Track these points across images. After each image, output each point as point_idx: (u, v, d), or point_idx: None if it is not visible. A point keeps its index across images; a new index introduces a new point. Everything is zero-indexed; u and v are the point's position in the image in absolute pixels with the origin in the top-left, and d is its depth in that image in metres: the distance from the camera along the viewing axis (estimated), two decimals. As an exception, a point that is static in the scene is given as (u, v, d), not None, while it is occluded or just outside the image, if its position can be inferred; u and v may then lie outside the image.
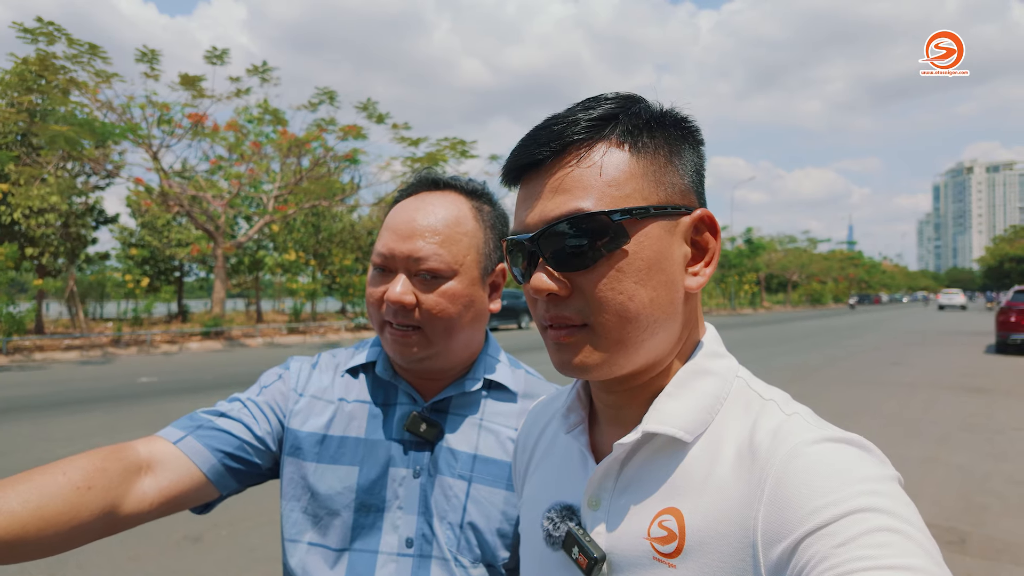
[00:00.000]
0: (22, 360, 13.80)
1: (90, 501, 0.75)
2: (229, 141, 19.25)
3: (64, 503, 0.73)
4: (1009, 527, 4.07)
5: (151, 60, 16.24)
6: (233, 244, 20.08)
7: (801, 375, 11.36)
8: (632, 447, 0.61)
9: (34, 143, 16.73)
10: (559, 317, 0.60)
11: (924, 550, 0.44)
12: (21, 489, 0.72)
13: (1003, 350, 15.52)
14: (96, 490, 0.76)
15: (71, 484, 0.75)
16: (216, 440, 0.91)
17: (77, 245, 19.27)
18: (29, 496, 0.71)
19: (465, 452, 0.96)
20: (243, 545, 3.74)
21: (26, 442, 6.15)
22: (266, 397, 0.99)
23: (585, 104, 0.61)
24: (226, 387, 9.67)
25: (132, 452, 0.84)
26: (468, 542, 0.93)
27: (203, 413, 0.95)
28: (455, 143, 19.72)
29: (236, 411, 0.96)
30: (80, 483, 0.75)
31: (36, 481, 0.73)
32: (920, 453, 5.91)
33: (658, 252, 0.58)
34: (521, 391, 1.03)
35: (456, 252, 0.93)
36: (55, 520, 0.72)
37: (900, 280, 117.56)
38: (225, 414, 0.95)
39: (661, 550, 0.57)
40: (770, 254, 57.07)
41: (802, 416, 0.57)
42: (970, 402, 8.65)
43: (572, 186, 0.58)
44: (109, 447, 0.83)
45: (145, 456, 0.85)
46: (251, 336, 19.60)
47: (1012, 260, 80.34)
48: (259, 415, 0.97)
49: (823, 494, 0.48)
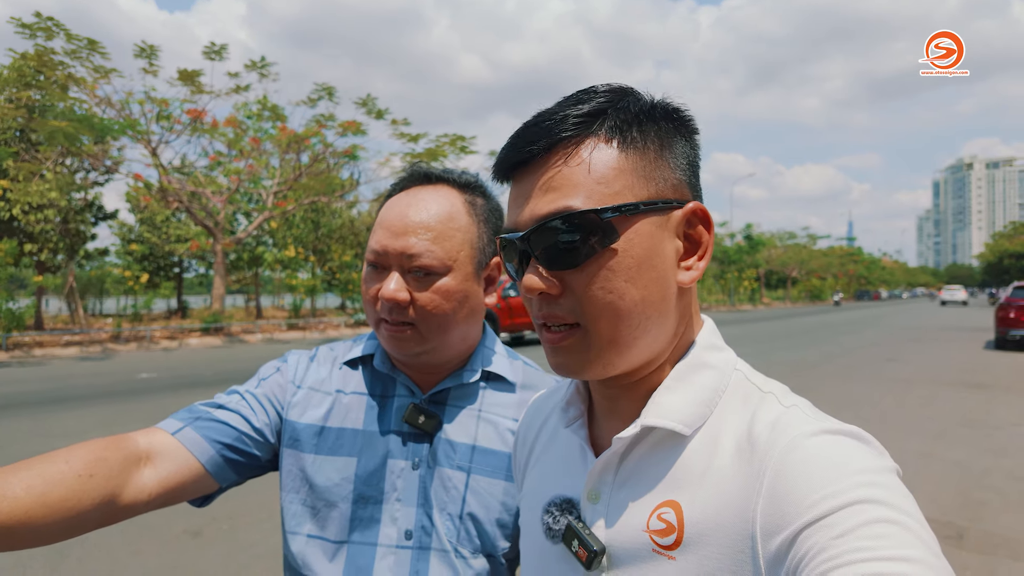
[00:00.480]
0: (21, 356, 13.81)
1: (92, 489, 0.76)
2: (228, 137, 19.22)
3: (67, 490, 0.74)
4: (1007, 523, 4.08)
5: (150, 56, 16.20)
6: (232, 240, 20.08)
7: (799, 370, 11.38)
8: (631, 441, 0.62)
9: (33, 139, 16.71)
10: (552, 316, 0.60)
11: (922, 541, 0.44)
12: (24, 476, 0.72)
13: (1002, 346, 15.53)
14: (97, 478, 0.77)
15: (73, 472, 0.75)
16: (214, 431, 0.91)
17: (76, 241, 19.25)
18: (32, 483, 0.72)
19: (464, 443, 0.96)
20: (243, 540, 3.75)
21: (25, 438, 6.16)
22: (264, 389, 1.00)
23: (575, 98, 0.60)
24: (226, 383, 9.68)
25: (132, 442, 0.84)
26: (468, 533, 0.93)
27: (202, 405, 0.95)
28: (454, 139, 19.70)
29: (234, 403, 0.96)
30: (82, 471, 0.76)
31: (39, 468, 0.74)
32: (918, 448, 5.92)
33: (648, 249, 0.58)
34: (519, 382, 1.03)
35: (449, 248, 0.92)
36: (58, 507, 0.73)
37: (900, 276, 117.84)
38: (223, 406, 0.95)
39: (660, 542, 0.57)
40: (770, 250, 57.11)
41: (801, 408, 0.57)
42: (969, 398, 8.66)
43: (561, 184, 0.58)
44: (109, 437, 0.83)
45: (145, 447, 0.85)
46: (251, 332, 19.60)
47: (1011, 256, 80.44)
48: (257, 407, 0.97)
49: (821, 486, 0.48)
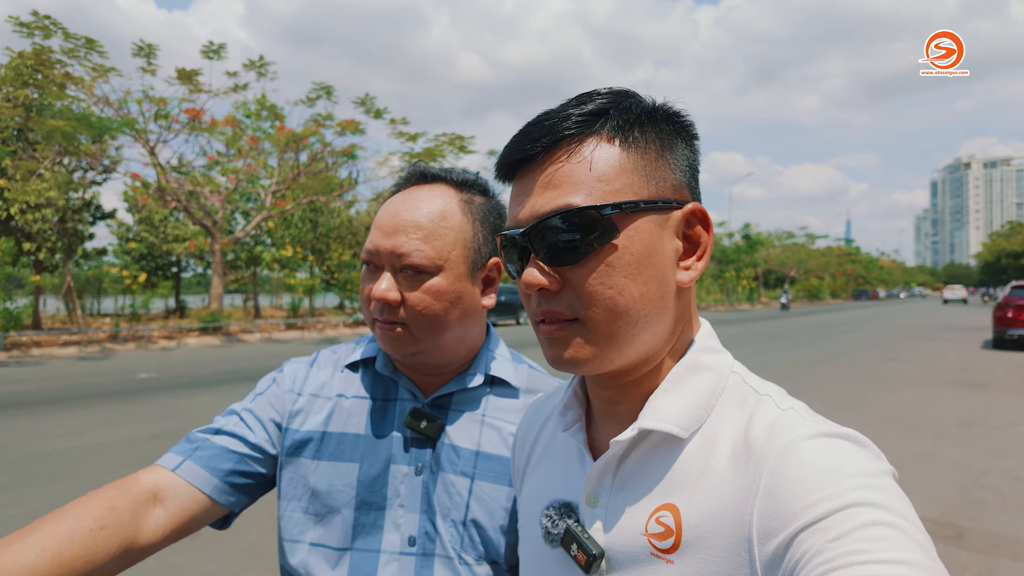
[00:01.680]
0: (19, 356, 13.79)
1: (104, 541, 0.77)
2: (227, 136, 19.20)
3: (80, 547, 0.74)
4: (1007, 522, 4.08)
5: (148, 55, 16.19)
6: (231, 240, 20.06)
7: (798, 371, 11.39)
8: (629, 444, 0.62)
9: (31, 138, 16.68)
10: (551, 312, 0.60)
11: (918, 544, 0.44)
12: (35, 539, 0.72)
13: (1000, 345, 15.56)
14: (109, 529, 0.78)
15: (83, 527, 0.76)
16: (215, 459, 0.92)
17: (74, 240, 19.23)
18: (45, 545, 0.72)
19: (467, 448, 0.95)
20: (243, 541, 3.74)
21: (24, 438, 6.15)
22: (261, 403, 0.99)
23: (578, 100, 0.61)
24: (224, 383, 9.68)
25: (137, 485, 0.85)
26: (472, 539, 0.91)
27: (199, 433, 0.95)
28: (453, 138, 19.69)
29: (232, 425, 0.96)
30: (92, 525, 0.76)
31: (49, 529, 0.74)
32: (917, 448, 5.93)
33: (648, 246, 0.58)
34: (523, 386, 1.02)
35: (440, 247, 0.90)
36: (73, 564, 0.73)
37: (897, 276, 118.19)
38: (221, 430, 0.95)
39: (659, 546, 0.57)
40: (768, 250, 57.19)
41: (797, 411, 0.57)
42: (967, 397, 8.67)
43: (562, 181, 0.58)
44: (114, 484, 0.84)
45: (151, 488, 0.86)
46: (249, 332, 19.59)
47: (1009, 256, 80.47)
48: (255, 423, 0.97)
49: (818, 489, 0.48)
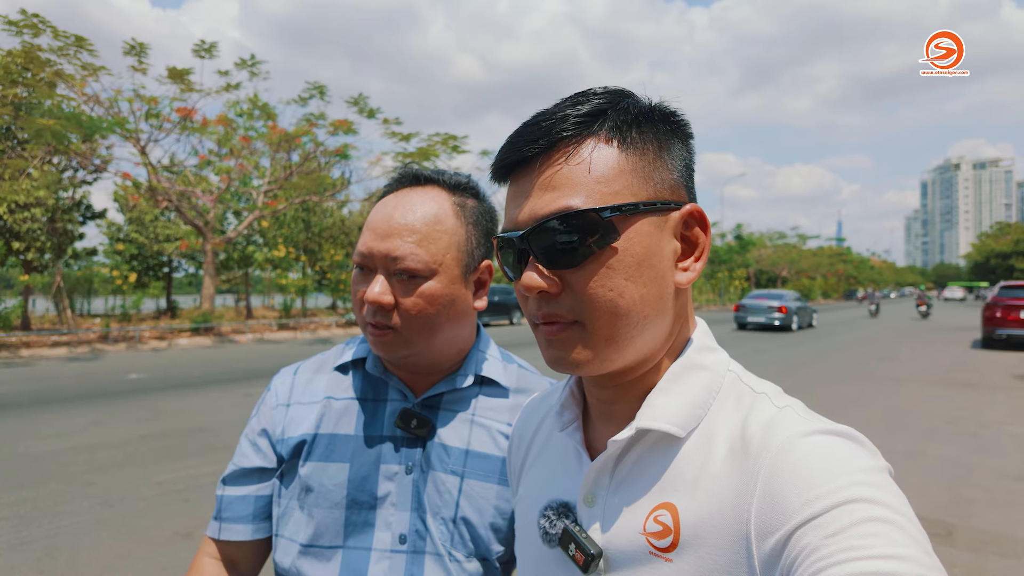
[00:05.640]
0: (8, 357, 13.65)
1: None
2: (219, 135, 19.08)
3: None
4: (995, 520, 4.12)
5: (139, 53, 16.06)
6: (222, 240, 19.93)
7: (789, 370, 11.44)
8: (626, 443, 0.62)
9: (20, 137, 16.51)
10: (550, 315, 0.60)
11: (914, 540, 0.45)
12: None
13: (989, 345, 15.72)
14: None
15: None
16: (241, 508, 1.00)
17: (64, 240, 19.04)
18: None
19: (457, 447, 0.96)
20: (234, 541, 3.73)
21: (14, 439, 6.09)
22: (255, 426, 1.03)
23: (574, 99, 0.60)
24: (215, 384, 9.62)
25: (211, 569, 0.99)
26: (462, 537, 0.93)
27: (221, 488, 1.03)
28: (446, 138, 19.64)
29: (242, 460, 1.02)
30: None
31: None
32: (906, 447, 5.98)
33: (648, 248, 0.58)
34: (513, 386, 1.03)
35: (434, 251, 0.90)
36: None
37: (888, 276, 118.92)
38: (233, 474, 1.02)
39: (657, 545, 0.57)
40: (760, 250, 57.43)
41: (794, 409, 0.58)
42: (956, 396, 8.75)
43: (561, 183, 0.58)
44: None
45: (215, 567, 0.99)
46: (241, 332, 19.48)
47: (998, 256, 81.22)
48: (249, 448, 1.02)
49: (814, 486, 0.48)
